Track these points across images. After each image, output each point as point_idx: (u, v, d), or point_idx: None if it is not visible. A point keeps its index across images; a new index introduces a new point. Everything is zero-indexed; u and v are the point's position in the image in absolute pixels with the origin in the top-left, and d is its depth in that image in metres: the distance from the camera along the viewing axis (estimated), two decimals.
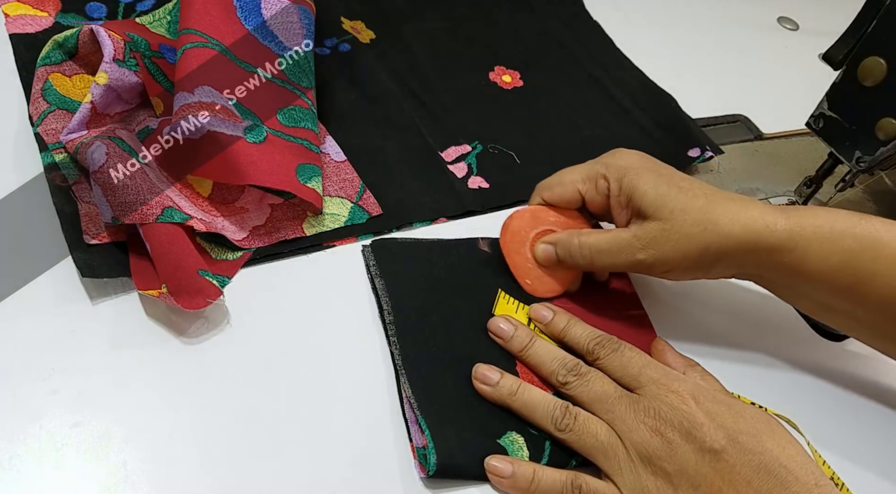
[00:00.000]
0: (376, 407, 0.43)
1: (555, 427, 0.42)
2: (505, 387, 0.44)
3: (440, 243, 0.51)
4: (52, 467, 0.38)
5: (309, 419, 0.42)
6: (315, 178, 0.51)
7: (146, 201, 0.44)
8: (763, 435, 0.40)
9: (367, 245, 0.50)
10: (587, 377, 0.43)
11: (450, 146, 0.59)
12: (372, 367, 0.45)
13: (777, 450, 0.39)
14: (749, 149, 0.69)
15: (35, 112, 0.50)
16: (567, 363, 0.44)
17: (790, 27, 0.86)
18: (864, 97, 0.53)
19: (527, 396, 0.43)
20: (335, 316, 0.47)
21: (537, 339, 0.46)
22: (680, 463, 0.39)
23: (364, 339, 0.46)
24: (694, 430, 0.40)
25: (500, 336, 0.46)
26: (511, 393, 0.43)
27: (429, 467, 0.40)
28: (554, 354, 0.45)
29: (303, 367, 0.44)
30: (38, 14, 0.57)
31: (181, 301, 0.43)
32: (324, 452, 0.41)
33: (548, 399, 0.43)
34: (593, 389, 0.43)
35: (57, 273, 0.45)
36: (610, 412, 0.42)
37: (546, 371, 0.44)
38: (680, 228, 0.44)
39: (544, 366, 0.45)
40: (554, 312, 0.47)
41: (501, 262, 0.50)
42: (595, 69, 0.70)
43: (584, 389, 0.43)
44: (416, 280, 0.49)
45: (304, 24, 0.55)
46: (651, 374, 0.43)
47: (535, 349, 0.45)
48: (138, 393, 0.41)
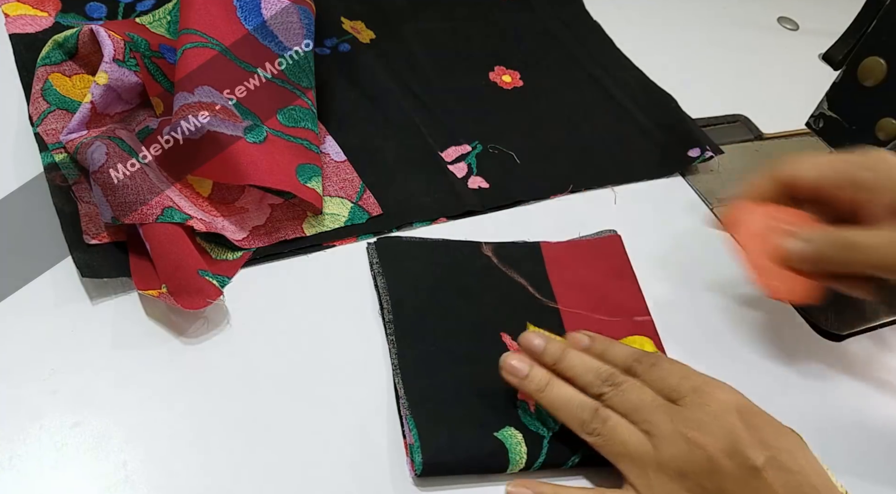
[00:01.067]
0: (376, 407, 0.43)
1: (582, 429, 0.41)
2: (534, 381, 0.42)
3: (444, 244, 0.52)
4: (52, 467, 0.38)
5: (308, 418, 0.42)
6: (315, 178, 0.51)
7: (146, 201, 0.44)
8: (797, 453, 0.39)
9: (371, 242, 0.50)
10: (623, 386, 0.41)
11: (450, 146, 0.59)
12: (372, 367, 0.45)
13: (808, 468, 0.38)
14: (749, 149, 0.69)
15: (35, 112, 0.50)
16: (601, 373, 0.42)
17: (790, 27, 0.86)
18: (864, 97, 0.53)
19: (556, 393, 0.42)
20: (335, 316, 0.47)
21: (570, 350, 0.44)
22: (719, 481, 0.38)
23: (364, 339, 0.46)
24: (737, 444, 0.38)
25: (533, 351, 0.44)
26: (539, 389, 0.42)
27: (416, 465, 0.40)
28: (587, 364, 0.43)
29: (302, 367, 0.44)
30: (38, 14, 0.57)
31: (181, 301, 0.43)
32: (323, 452, 0.41)
33: (577, 399, 0.41)
34: (629, 398, 0.41)
35: (57, 273, 0.45)
36: (647, 421, 0.40)
37: (582, 384, 0.42)
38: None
39: (580, 378, 0.43)
40: (591, 338, 0.45)
41: (503, 271, 0.50)
42: (595, 69, 0.70)
43: (621, 398, 0.41)
44: (417, 280, 0.49)
45: (304, 24, 0.55)
46: (693, 384, 0.41)
47: (569, 360, 0.43)
48: (138, 393, 0.41)
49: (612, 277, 0.53)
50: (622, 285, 0.52)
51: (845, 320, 0.56)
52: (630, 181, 0.61)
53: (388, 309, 0.47)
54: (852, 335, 0.55)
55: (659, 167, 0.63)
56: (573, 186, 0.59)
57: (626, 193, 0.61)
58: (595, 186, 0.60)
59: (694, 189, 0.63)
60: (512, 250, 0.52)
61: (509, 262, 0.52)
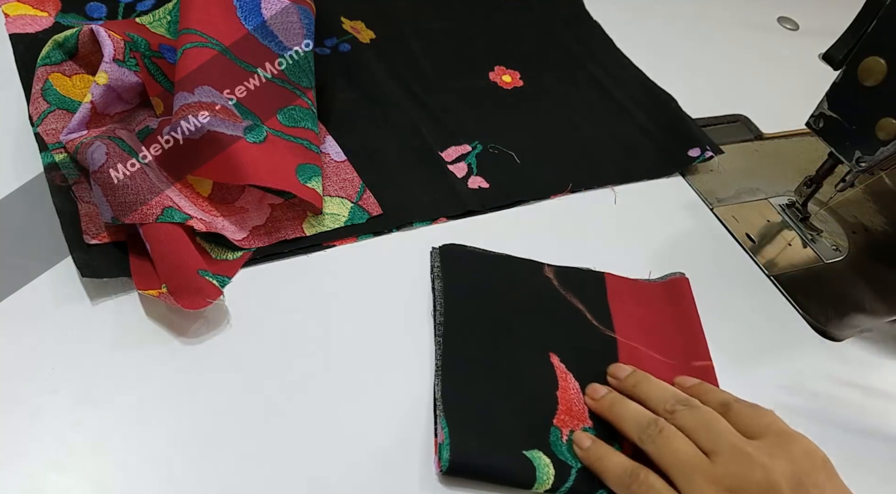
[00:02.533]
0: (375, 406, 0.43)
1: (638, 436, 0.41)
2: (607, 399, 0.44)
3: (506, 259, 0.52)
4: (52, 467, 0.38)
5: (308, 418, 0.42)
6: (315, 178, 0.51)
7: (146, 200, 0.44)
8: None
9: (436, 247, 0.51)
10: (698, 408, 0.41)
11: (450, 146, 0.59)
12: (372, 366, 0.45)
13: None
14: (749, 149, 0.69)
15: (35, 112, 0.50)
16: (679, 397, 0.43)
17: (790, 27, 0.86)
18: (864, 97, 0.53)
19: (624, 406, 0.43)
20: (335, 316, 0.47)
21: (650, 377, 0.45)
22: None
23: (364, 339, 0.46)
24: (804, 477, 0.37)
25: (614, 376, 0.46)
26: (611, 403, 0.44)
27: (442, 462, 0.40)
28: (667, 388, 0.44)
29: (303, 367, 0.44)
30: (38, 14, 0.57)
31: (181, 301, 0.43)
32: (322, 451, 0.41)
33: (641, 410, 0.43)
34: (703, 416, 0.41)
35: (57, 273, 0.45)
36: (714, 440, 0.39)
37: (655, 403, 0.43)
38: None
39: (653, 399, 0.43)
40: (634, 371, 0.46)
41: (562, 294, 0.50)
42: (595, 69, 0.70)
43: (692, 415, 0.41)
44: (474, 288, 0.49)
45: (304, 24, 0.55)
46: (779, 427, 0.40)
47: (648, 384, 0.44)
48: (138, 393, 0.41)
49: (675, 319, 0.52)
50: (684, 328, 0.51)
51: (845, 320, 0.56)
52: (630, 181, 0.62)
53: (440, 312, 0.47)
54: (852, 335, 0.55)
55: (659, 167, 0.63)
56: (573, 186, 0.59)
57: (626, 193, 0.61)
58: (595, 186, 0.60)
59: (694, 189, 0.63)
60: (574, 275, 0.52)
61: (570, 287, 0.51)
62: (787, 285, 0.57)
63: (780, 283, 0.57)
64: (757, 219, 0.62)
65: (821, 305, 0.56)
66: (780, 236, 0.62)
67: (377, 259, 0.51)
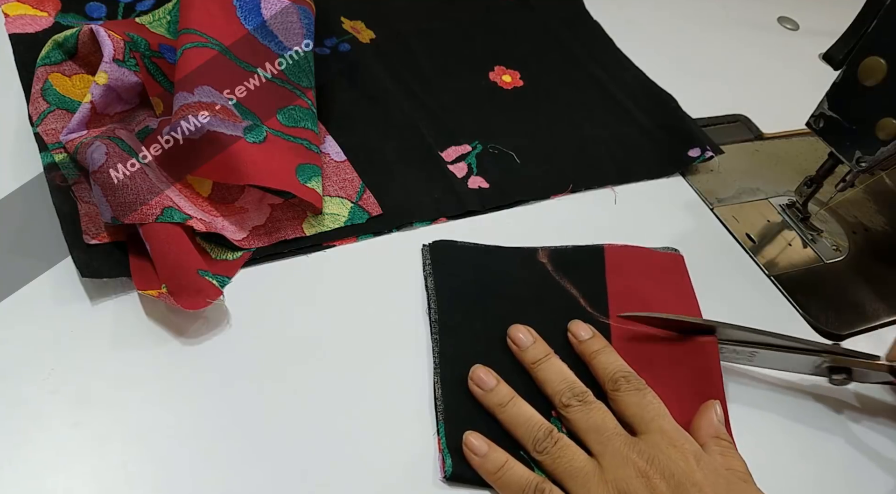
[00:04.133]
0: (374, 406, 0.43)
1: (533, 447, 0.41)
2: (497, 396, 0.43)
3: (499, 251, 0.51)
4: (52, 467, 0.38)
5: (308, 418, 0.42)
6: (315, 178, 0.51)
7: (146, 201, 0.44)
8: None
9: (426, 244, 0.51)
10: (591, 406, 0.42)
11: (450, 146, 0.59)
12: (372, 366, 0.45)
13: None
14: (749, 149, 0.69)
15: (35, 112, 0.50)
16: (575, 388, 0.43)
17: (790, 27, 0.86)
18: (864, 97, 0.53)
19: (515, 410, 0.42)
20: (335, 316, 0.47)
21: (554, 357, 0.45)
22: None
23: (364, 339, 0.46)
24: (685, 484, 0.39)
25: (517, 345, 0.46)
26: (501, 403, 0.43)
27: (446, 467, 0.41)
28: (565, 375, 0.44)
29: (302, 367, 0.44)
30: (38, 14, 0.57)
31: (181, 301, 0.43)
32: (322, 451, 0.41)
33: (536, 419, 0.42)
34: (593, 417, 0.42)
35: (57, 273, 0.45)
36: (602, 443, 0.41)
37: (551, 390, 0.44)
38: None
39: (550, 384, 0.44)
40: (593, 333, 0.47)
41: (556, 280, 0.50)
42: (595, 69, 0.70)
43: (583, 416, 0.42)
44: (466, 285, 0.49)
45: (304, 24, 0.55)
46: (663, 425, 0.41)
47: (549, 364, 0.44)
48: (138, 393, 0.41)
49: (673, 293, 0.52)
50: (683, 302, 0.51)
51: (845, 320, 0.56)
52: (630, 181, 0.62)
53: (434, 310, 0.47)
54: (852, 335, 0.55)
55: (659, 167, 0.63)
56: (573, 186, 0.59)
57: (626, 193, 0.61)
58: (595, 186, 0.60)
59: (694, 189, 0.63)
60: (572, 254, 0.52)
61: (565, 270, 0.51)
62: (787, 285, 0.57)
63: (781, 283, 0.57)
64: (757, 219, 0.62)
65: (821, 305, 0.56)
66: (780, 236, 0.62)
67: (377, 259, 0.51)
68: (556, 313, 0.49)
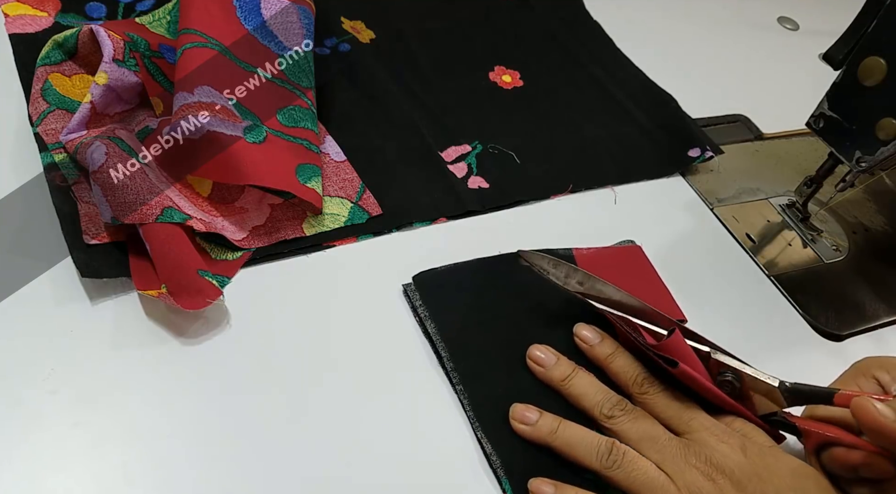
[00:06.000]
0: (374, 406, 0.43)
1: (601, 464, 0.41)
2: (545, 426, 0.42)
3: (482, 264, 0.50)
4: (52, 467, 0.38)
5: (308, 418, 0.42)
6: (315, 178, 0.51)
7: (146, 201, 0.44)
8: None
9: (408, 284, 0.49)
10: (634, 413, 0.42)
11: (450, 146, 0.59)
12: (372, 367, 0.45)
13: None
14: (749, 149, 0.69)
15: (35, 112, 0.50)
16: (612, 398, 0.43)
17: (790, 27, 0.86)
18: (864, 97, 0.53)
19: (569, 433, 0.42)
20: (335, 316, 0.47)
21: (581, 370, 0.44)
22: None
23: (363, 338, 0.46)
24: (743, 479, 0.39)
25: (540, 365, 0.45)
26: (552, 431, 0.42)
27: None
28: (598, 386, 0.44)
29: (302, 367, 0.44)
30: (38, 14, 0.57)
31: (181, 301, 0.43)
32: (322, 452, 0.41)
33: (591, 435, 0.42)
34: (642, 427, 0.42)
35: (57, 273, 0.45)
36: (660, 452, 0.41)
37: (588, 403, 0.43)
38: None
39: (587, 397, 0.43)
40: (602, 336, 0.46)
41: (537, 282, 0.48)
42: (595, 69, 0.70)
43: (631, 425, 0.42)
44: (468, 317, 0.47)
45: (304, 24, 0.55)
46: (703, 422, 0.42)
47: (579, 378, 0.44)
48: (138, 393, 0.41)
49: (644, 283, 0.52)
50: (653, 291, 0.52)
51: (845, 320, 0.56)
52: (630, 181, 0.62)
53: (446, 357, 0.45)
54: (852, 335, 0.55)
55: (659, 167, 0.63)
56: (573, 186, 0.59)
57: (626, 193, 0.61)
58: (595, 186, 0.60)
59: (694, 189, 0.63)
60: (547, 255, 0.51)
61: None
62: (787, 285, 0.57)
63: (781, 283, 0.57)
64: (757, 219, 0.62)
65: (821, 305, 0.56)
66: (780, 236, 0.62)
67: (377, 259, 0.51)
68: (557, 313, 0.48)
